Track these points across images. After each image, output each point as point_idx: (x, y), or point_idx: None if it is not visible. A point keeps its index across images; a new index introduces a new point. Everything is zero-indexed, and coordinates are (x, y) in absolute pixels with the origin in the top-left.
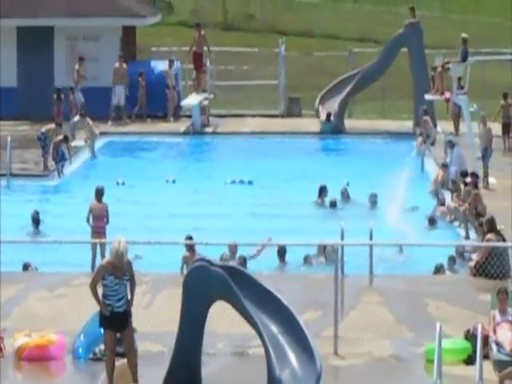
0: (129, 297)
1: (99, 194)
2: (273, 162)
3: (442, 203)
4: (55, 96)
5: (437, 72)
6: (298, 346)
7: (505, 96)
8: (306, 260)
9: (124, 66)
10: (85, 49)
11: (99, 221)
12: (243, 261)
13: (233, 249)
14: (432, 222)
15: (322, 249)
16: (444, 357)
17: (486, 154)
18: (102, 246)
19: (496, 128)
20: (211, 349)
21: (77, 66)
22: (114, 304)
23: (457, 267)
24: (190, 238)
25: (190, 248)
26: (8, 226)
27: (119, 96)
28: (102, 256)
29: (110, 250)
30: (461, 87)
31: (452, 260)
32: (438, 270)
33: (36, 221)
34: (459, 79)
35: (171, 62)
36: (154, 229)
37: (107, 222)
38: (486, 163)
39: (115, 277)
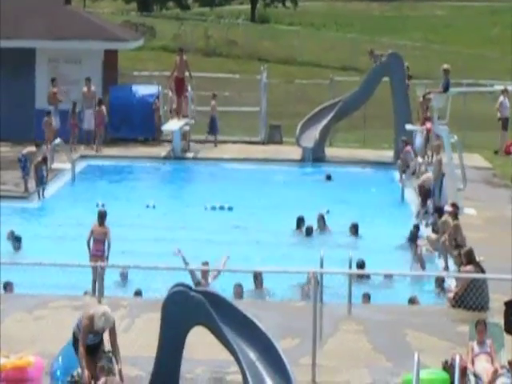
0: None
1: (101, 217)
2: (253, 189)
3: (415, 238)
4: (71, 109)
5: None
6: (275, 374)
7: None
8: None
9: (92, 88)
10: (66, 71)
11: (98, 244)
12: (241, 288)
13: (205, 274)
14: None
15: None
16: None
17: (441, 188)
18: (94, 269)
19: (477, 159)
20: (189, 374)
21: (51, 88)
22: (89, 343)
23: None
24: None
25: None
26: None
27: (88, 120)
28: (94, 282)
29: (95, 318)
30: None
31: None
32: (412, 301)
33: (17, 240)
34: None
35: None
36: (134, 253)
37: (109, 246)
38: (444, 197)
39: (94, 334)
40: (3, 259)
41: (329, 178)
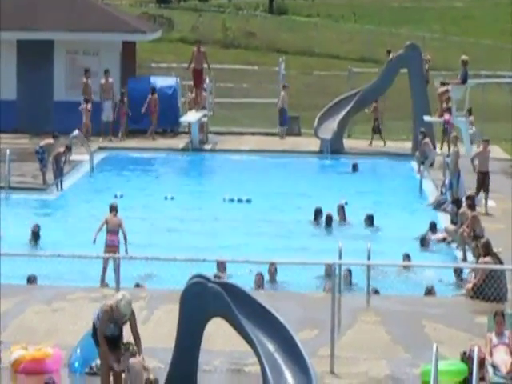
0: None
1: (114, 208)
2: (271, 181)
3: (433, 228)
4: (119, 98)
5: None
6: (294, 365)
7: (375, 100)
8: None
9: (110, 80)
10: (84, 63)
11: (113, 235)
12: (261, 277)
13: (222, 266)
14: (424, 243)
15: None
16: (440, 378)
17: (459, 179)
18: (105, 260)
19: (496, 150)
20: (207, 366)
21: (84, 79)
22: (108, 334)
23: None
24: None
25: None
26: (6, 239)
27: (107, 112)
28: (104, 270)
29: (114, 303)
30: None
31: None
32: (429, 291)
33: (36, 235)
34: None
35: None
36: (152, 245)
37: (125, 238)
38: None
39: (114, 324)
40: (22, 250)
41: (355, 167)
